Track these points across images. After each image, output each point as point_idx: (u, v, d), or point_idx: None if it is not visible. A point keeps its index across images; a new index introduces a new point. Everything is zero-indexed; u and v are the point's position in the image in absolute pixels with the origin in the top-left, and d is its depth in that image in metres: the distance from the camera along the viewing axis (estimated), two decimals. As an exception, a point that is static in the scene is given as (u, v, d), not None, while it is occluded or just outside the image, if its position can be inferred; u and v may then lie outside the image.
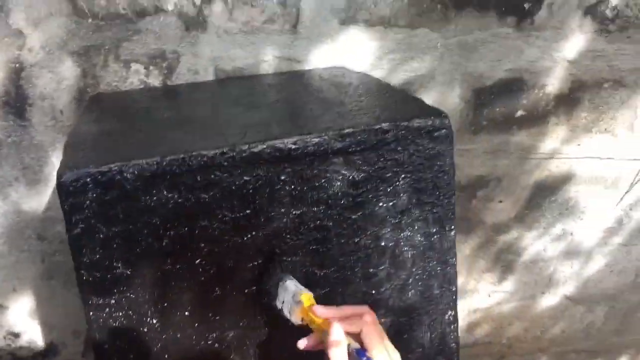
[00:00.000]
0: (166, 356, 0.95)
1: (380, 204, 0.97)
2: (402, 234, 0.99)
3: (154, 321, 0.93)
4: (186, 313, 0.94)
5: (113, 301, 0.91)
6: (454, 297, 1.05)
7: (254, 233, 0.93)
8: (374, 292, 1.01)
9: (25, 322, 1.70)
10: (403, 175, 0.96)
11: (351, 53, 1.47)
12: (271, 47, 1.44)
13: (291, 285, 0.91)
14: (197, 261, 0.92)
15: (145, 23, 1.36)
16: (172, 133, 1.01)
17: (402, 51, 1.50)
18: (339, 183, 0.94)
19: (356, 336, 0.78)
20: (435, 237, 1.01)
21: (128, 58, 1.40)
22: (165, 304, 0.93)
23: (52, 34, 1.35)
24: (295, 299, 0.88)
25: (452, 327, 1.08)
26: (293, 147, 0.90)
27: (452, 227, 1.01)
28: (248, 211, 0.92)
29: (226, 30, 1.40)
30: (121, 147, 0.94)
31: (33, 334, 1.73)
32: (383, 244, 0.99)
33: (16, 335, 1.79)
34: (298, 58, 1.46)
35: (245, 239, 0.93)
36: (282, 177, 0.92)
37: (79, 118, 1.19)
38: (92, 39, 1.37)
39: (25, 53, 1.37)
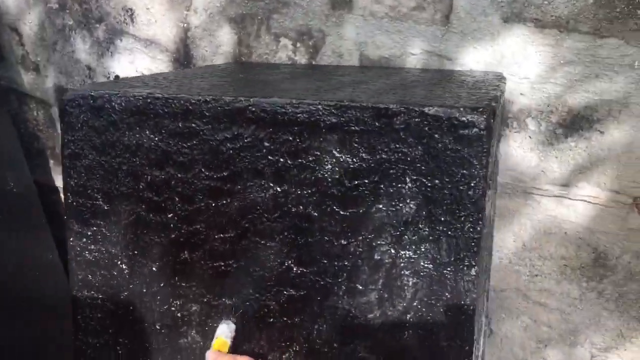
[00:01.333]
0: (130, 308, 0.90)
1: (379, 205, 0.76)
2: (402, 253, 0.76)
3: (123, 266, 0.89)
4: (153, 268, 0.88)
5: (90, 233, 0.89)
6: (466, 359, 0.78)
7: (228, 200, 0.82)
8: (359, 315, 0.80)
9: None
10: (414, 177, 0.74)
11: (515, 58, 1.21)
12: (419, 38, 1.27)
13: (220, 328, 0.85)
14: (170, 215, 0.85)
15: (294, -4, 1.34)
16: (218, 87, 0.95)
17: (584, 65, 1.18)
18: (330, 166, 0.77)
19: None
20: (447, 269, 0.75)
21: (277, 31, 1.39)
22: (135, 252, 0.88)
23: (213, -2, 1.42)
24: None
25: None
26: (279, 110, 0.77)
27: (474, 263, 0.74)
28: (225, 173, 0.81)
29: (372, 12, 1.29)
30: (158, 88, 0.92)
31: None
32: (377, 257, 0.78)
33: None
34: (449, 55, 1.26)
35: (218, 204, 0.82)
36: (266, 144, 0.79)
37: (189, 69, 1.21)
38: (247, 7, 1.39)
39: (191, 14, 1.46)
